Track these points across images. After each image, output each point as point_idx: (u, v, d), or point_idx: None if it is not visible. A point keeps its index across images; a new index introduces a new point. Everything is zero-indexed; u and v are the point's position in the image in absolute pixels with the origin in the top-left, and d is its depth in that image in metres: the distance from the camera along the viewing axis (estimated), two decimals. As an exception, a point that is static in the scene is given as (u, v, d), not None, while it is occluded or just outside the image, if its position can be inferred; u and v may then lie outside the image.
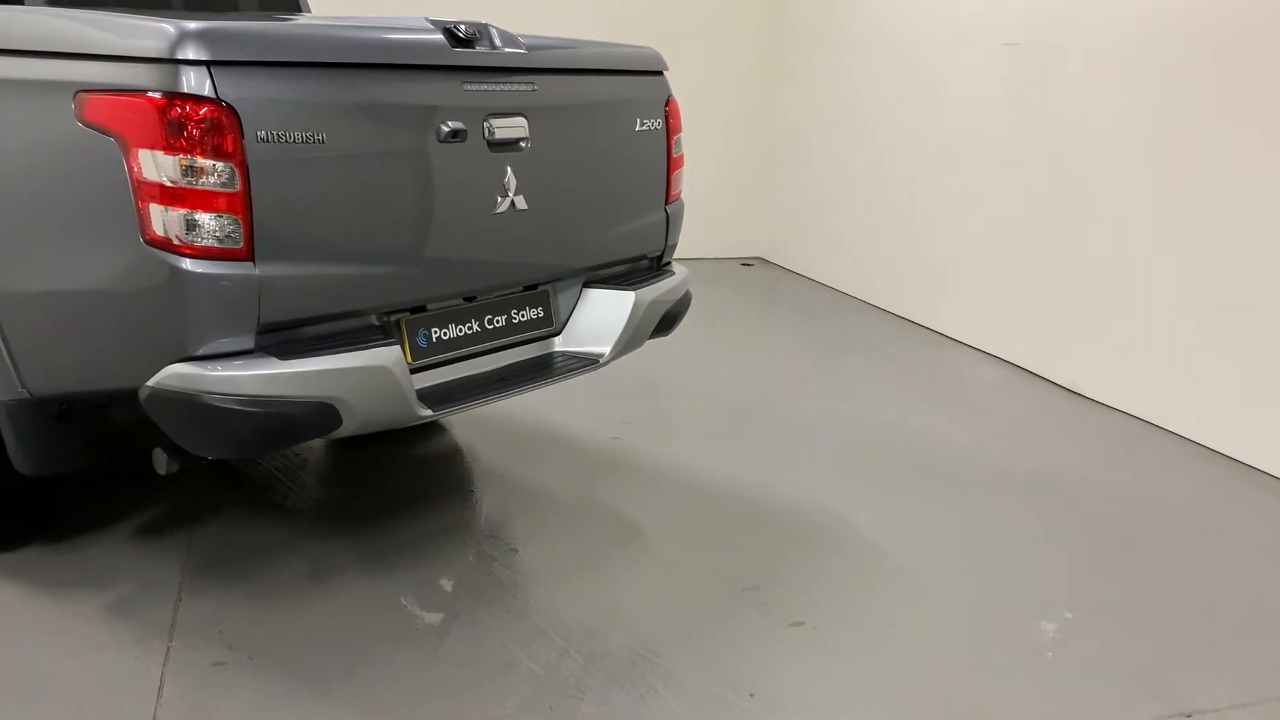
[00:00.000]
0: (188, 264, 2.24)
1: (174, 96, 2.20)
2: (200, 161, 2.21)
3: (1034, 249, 5.11)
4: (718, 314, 6.01)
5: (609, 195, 3.22)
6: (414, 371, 2.68)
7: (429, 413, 2.68)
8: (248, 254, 2.29)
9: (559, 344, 3.17)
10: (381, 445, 3.92)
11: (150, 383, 2.31)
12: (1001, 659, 2.74)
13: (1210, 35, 4.15)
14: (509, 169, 2.83)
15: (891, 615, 2.92)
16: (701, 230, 4.82)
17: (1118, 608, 3.01)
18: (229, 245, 2.26)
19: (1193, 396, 4.27)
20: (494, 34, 2.82)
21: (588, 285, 3.22)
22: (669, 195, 3.41)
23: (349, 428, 2.50)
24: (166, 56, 2.21)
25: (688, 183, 3.56)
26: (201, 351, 2.30)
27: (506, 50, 2.83)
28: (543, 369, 3.08)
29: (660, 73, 3.36)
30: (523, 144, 2.85)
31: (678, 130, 3.39)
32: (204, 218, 2.23)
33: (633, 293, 3.19)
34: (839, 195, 6.89)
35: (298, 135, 2.34)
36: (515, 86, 2.85)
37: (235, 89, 2.24)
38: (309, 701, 2.45)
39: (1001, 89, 5.29)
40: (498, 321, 3.00)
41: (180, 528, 3.24)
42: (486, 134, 2.75)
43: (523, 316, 3.07)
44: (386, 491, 3.63)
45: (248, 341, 2.34)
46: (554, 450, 4.04)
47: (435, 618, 2.85)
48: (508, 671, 2.58)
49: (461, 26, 2.74)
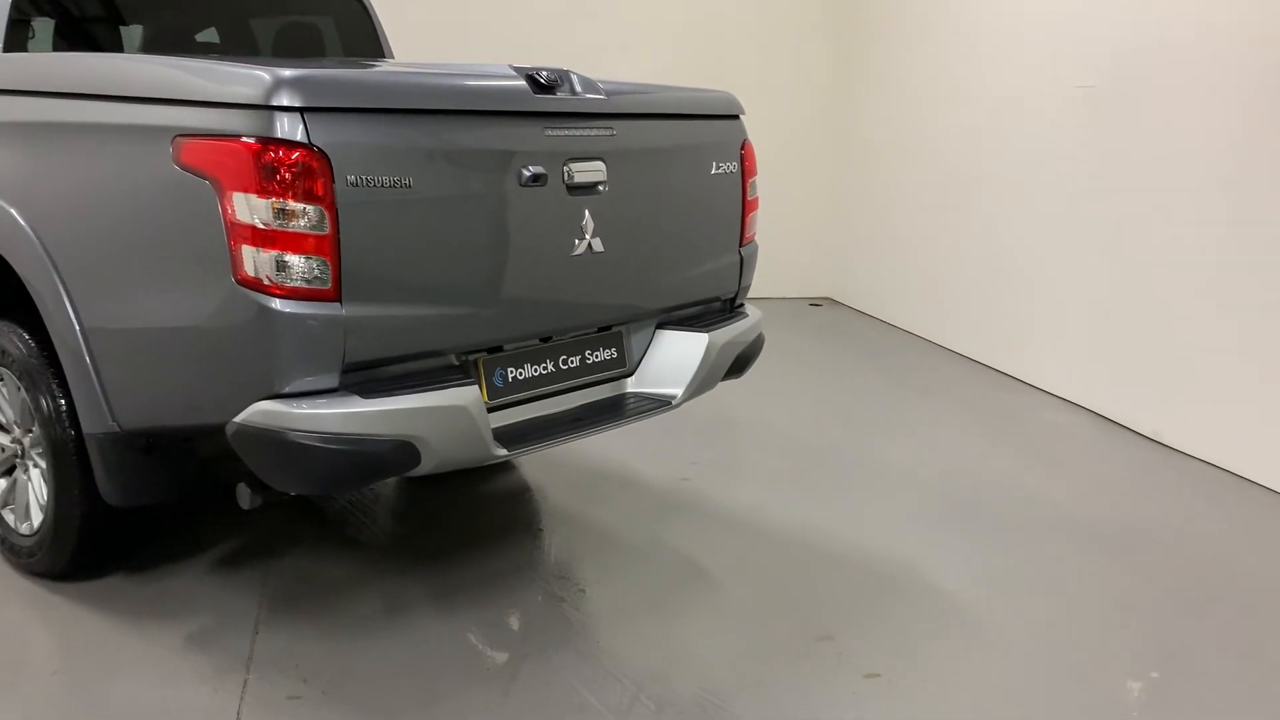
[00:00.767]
0: (277, 304, 2.30)
1: (268, 141, 2.26)
2: (292, 205, 2.27)
3: (1113, 292, 5.01)
4: (786, 355, 5.97)
5: (684, 237, 3.23)
6: (490, 411, 2.71)
7: (504, 452, 2.70)
8: (335, 295, 2.34)
9: (631, 385, 3.18)
10: (451, 482, 3.95)
11: (237, 419, 2.37)
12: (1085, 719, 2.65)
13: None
14: (587, 212, 2.85)
15: (970, 669, 2.85)
16: (769, 269, 4.82)
17: (1206, 668, 2.90)
18: (317, 286, 2.31)
19: (1283, 448, 4.13)
20: (574, 80, 2.86)
21: (661, 326, 3.23)
22: (743, 238, 3.41)
23: (427, 466, 2.53)
24: (262, 103, 2.28)
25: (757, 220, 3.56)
26: (288, 389, 2.35)
27: (587, 96, 2.87)
28: (615, 410, 3.08)
29: (736, 116, 3.38)
30: (601, 187, 2.88)
31: (753, 173, 3.40)
32: (294, 259, 2.29)
33: (706, 335, 3.19)
34: (910, 236, 6.83)
35: (385, 179, 2.40)
36: (595, 131, 2.88)
37: (327, 135, 2.30)
38: (381, 739, 2.46)
39: (1078, 130, 5.21)
40: (572, 362, 3.02)
41: (257, 560, 3.29)
42: (566, 178, 2.79)
43: (596, 357, 3.09)
44: (456, 528, 3.66)
45: (332, 380, 2.38)
46: (622, 490, 4.03)
47: (505, 657, 2.85)
48: (578, 715, 2.56)
49: (543, 73, 2.79)
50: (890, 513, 3.90)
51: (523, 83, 2.75)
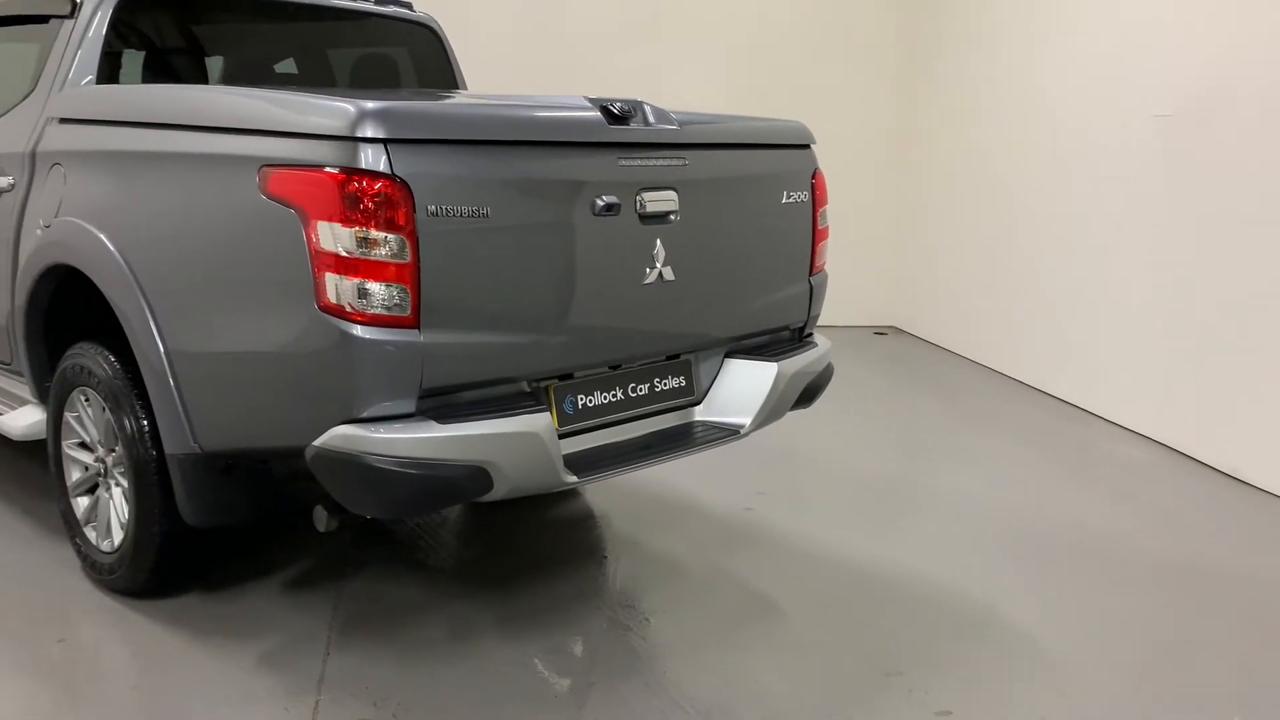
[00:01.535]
0: (358, 330, 2.34)
1: (352, 172, 2.32)
2: (374, 233, 2.32)
3: (1187, 323, 4.90)
4: (851, 384, 5.91)
5: (754, 266, 3.24)
6: (560, 437, 2.72)
7: (574, 479, 2.71)
8: (414, 322, 2.38)
9: (699, 413, 3.18)
10: (515, 507, 3.97)
11: (317, 442, 2.42)
12: (1166, 764, 2.58)
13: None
14: (658, 241, 2.88)
15: (1043, 708, 2.78)
16: (833, 297, 4.80)
17: (1294, 715, 2.81)
18: (397, 313, 2.36)
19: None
20: (648, 111, 2.89)
21: (730, 355, 3.23)
22: (813, 267, 3.41)
23: (499, 492, 2.55)
24: (347, 134, 2.33)
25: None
26: (366, 414, 2.39)
27: (659, 126, 2.90)
28: (683, 438, 3.09)
29: (807, 146, 3.39)
30: (672, 216, 2.90)
31: (824, 202, 3.40)
32: (375, 286, 2.33)
33: (775, 364, 3.19)
34: (977, 264, 6.76)
35: (464, 209, 2.44)
36: (667, 161, 2.91)
37: (409, 165, 2.35)
38: (450, 764, 2.47)
39: (1152, 160, 5.13)
40: (641, 390, 3.03)
41: (327, 581, 3.34)
42: (638, 207, 2.81)
43: (665, 385, 3.10)
44: (521, 553, 3.68)
45: (409, 405, 2.42)
46: (686, 518, 4.02)
47: (572, 685, 2.84)
48: (645, 745, 2.55)
49: (617, 103, 2.82)
50: (959, 547, 3.84)
51: (597, 114, 2.78)
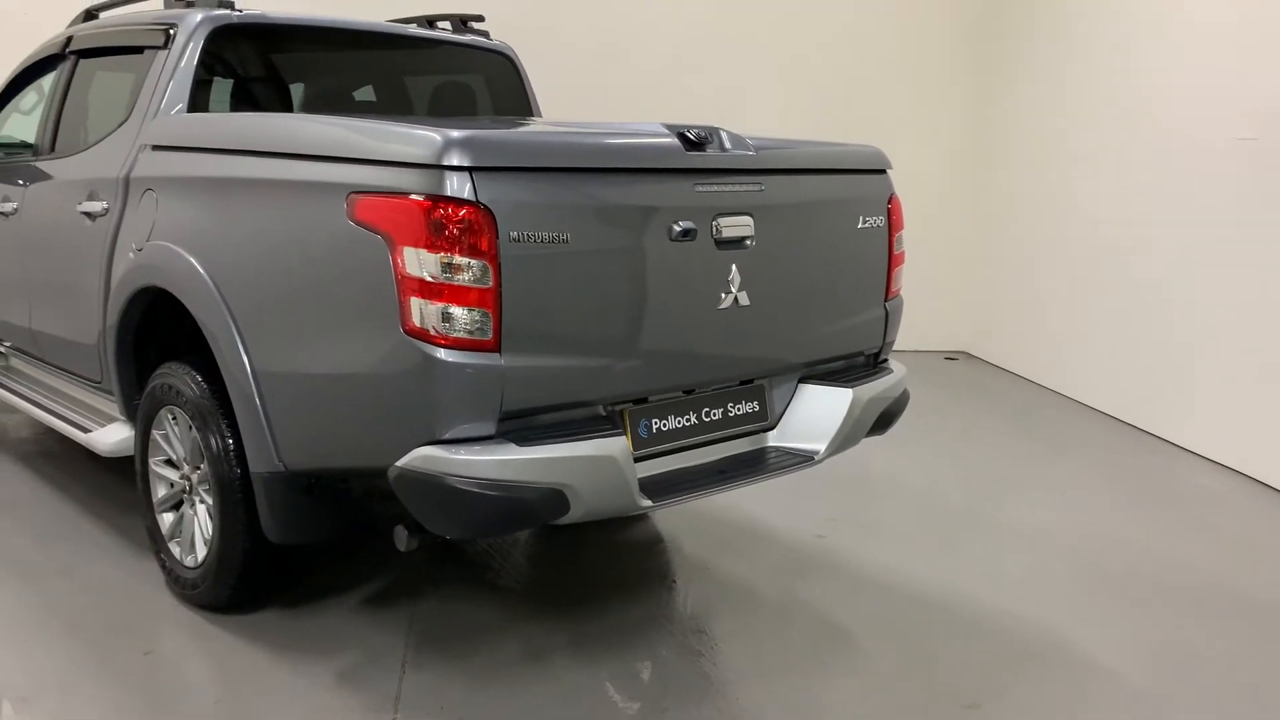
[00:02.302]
0: (442, 353, 2.38)
1: (438, 199, 2.37)
2: (458, 259, 2.36)
3: (1274, 351, 4.76)
4: (922, 410, 5.82)
5: (829, 292, 3.22)
6: (635, 461, 2.73)
7: (649, 503, 2.72)
8: (495, 345, 2.41)
9: (773, 439, 3.17)
10: (585, 529, 3.99)
11: (400, 463, 2.45)
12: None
13: None
14: (734, 266, 2.88)
15: (1128, 748, 2.71)
16: (903, 321, 4.76)
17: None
18: (479, 337, 2.39)
19: None
20: (724, 137, 2.90)
21: (804, 381, 3.22)
22: (889, 292, 3.39)
23: (575, 515, 2.56)
24: (433, 162, 2.38)
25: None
26: (448, 435, 2.42)
27: (736, 152, 2.91)
28: (757, 464, 3.08)
29: (883, 171, 3.37)
30: (748, 242, 2.91)
31: (900, 227, 3.38)
32: (458, 311, 2.37)
33: (850, 390, 3.16)
34: (1054, 289, 6.64)
35: (544, 235, 2.47)
36: (743, 187, 2.92)
37: (492, 192, 2.39)
38: (525, 786, 2.48)
39: (1238, 184, 5.00)
40: (714, 414, 3.03)
41: (402, 600, 3.38)
42: (714, 232, 2.83)
43: (738, 410, 3.09)
44: (591, 575, 3.69)
45: (489, 428, 2.45)
46: (756, 544, 4.00)
47: (644, 710, 2.84)
48: (720, 773, 2.54)
49: (694, 130, 2.84)
50: (1035, 578, 3.76)
51: (674, 140, 2.80)
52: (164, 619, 3.23)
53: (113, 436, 3.63)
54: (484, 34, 4.57)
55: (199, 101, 3.55)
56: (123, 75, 3.88)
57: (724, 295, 2.87)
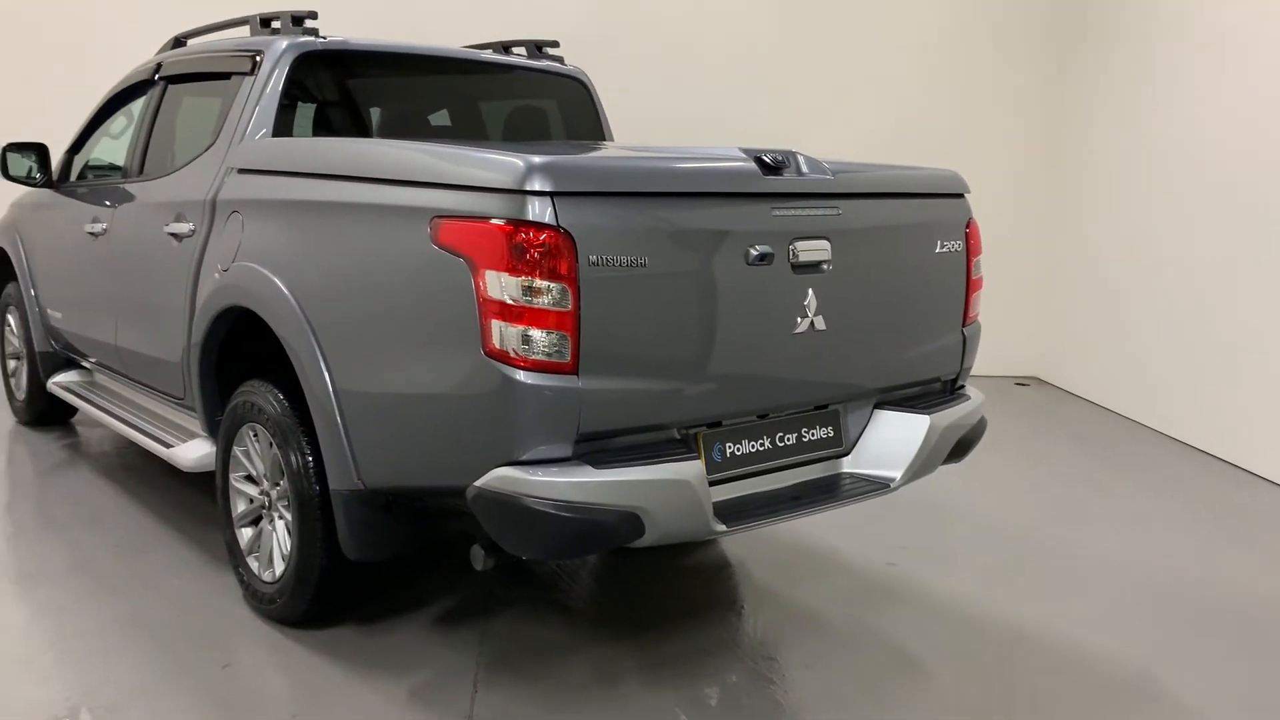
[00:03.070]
0: (521, 375, 2.41)
1: (520, 224, 2.40)
2: (538, 282, 2.38)
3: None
4: (994, 436, 5.74)
5: (906, 317, 3.19)
6: (709, 485, 2.72)
7: (723, 528, 2.71)
8: (573, 368, 2.43)
9: (847, 465, 3.14)
10: (653, 552, 3.98)
11: (478, 483, 2.48)
12: None
13: None
14: (810, 290, 2.87)
15: (1218, 791, 2.62)
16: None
17: None
18: (557, 359, 2.41)
19: None
20: (800, 161, 2.90)
21: (879, 406, 3.18)
22: (967, 317, 3.34)
23: (650, 538, 2.56)
24: (516, 187, 2.42)
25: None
26: (525, 457, 2.44)
27: (813, 176, 2.91)
28: (831, 490, 3.05)
29: (961, 195, 3.34)
30: (825, 266, 2.89)
31: (978, 252, 3.34)
32: (537, 333, 2.40)
33: (928, 417, 3.13)
34: (1130, 313, 6.49)
35: (623, 259, 2.49)
36: (820, 211, 2.91)
37: (573, 217, 2.42)
38: (597, 810, 2.47)
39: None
40: (788, 439, 3.01)
41: (473, 619, 3.40)
42: (791, 256, 2.82)
43: (813, 435, 3.07)
44: (660, 599, 3.68)
45: (566, 450, 2.47)
46: (826, 571, 3.96)
47: (716, 736, 2.82)
48: (793, 803, 2.50)
49: (770, 154, 2.84)
50: (1114, 611, 3.66)
51: (752, 164, 2.81)
52: (242, 632, 3.29)
53: (194, 452, 3.72)
54: (558, 59, 4.63)
55: (283, 126, 3.63)
56: (210, 100, 3.99)
57: (800, 319, 2.86)
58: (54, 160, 4.99)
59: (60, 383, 5.13)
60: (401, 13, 7.00)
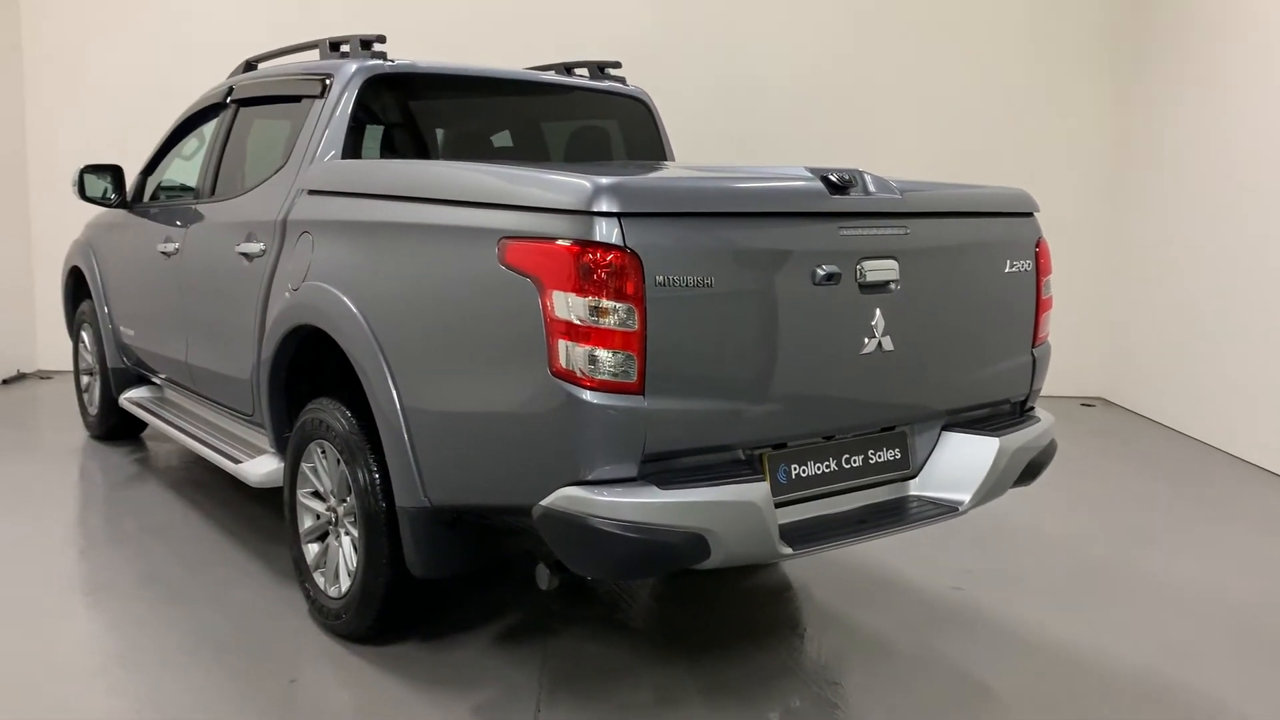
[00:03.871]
0: (587, 395, 2.41)
1: (587, 244, 2.40)
2: (605, 303, 2.39)
3: None
4: (1062, 459, 5.64)
5: (975, 337, 3.14)
6: (775, 507, 2.70)
7: (789, 551, 2.68)
8: (639, 388, 2.43)
9: (914, 488, 3.10)
10: (714, 573, 3.95)
11: (544, 502, 2.48)
12: None
13: None
14: (878, 310, 2.84)
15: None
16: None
17: None
18: (623, 379, 2.41)
19: None
20: (868, 180, 2.88)
21: (948, 428, 3.14)
22: (1036, 338, 3.29)
23: (715, 560, 2.54)
24: (583, 209, 2.43)
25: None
26: (591, 476, 2.44)
27: (880, 195, 2.88)
28: (898, 513, 3.00)
29: (1030, 214, 3.29)
30: (893, 286, 2.86)
31: (1048, 271, 3.28)
32: (604, 353, 2.40)
33: (997, 439, 3.07)
34: (1200, 333, 6.33)
35: (689, 279, 2.48)
36: (888, 230, 2.88)
37: (639, 237, 2.42)
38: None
39: None
40: (855, 461, 2.98)
41: (535, 637, 3.40)
42: (858, 276, 2.79)
43: (879, 457, 3.03)
44: (722, 621, 3.65)
45: (632, 470, 2.46)
46: (889, 594, 3.90)
47: (780, 762, 2.78)
48: (861, 833, 2.46)
49: (838, 173, 2.82)
50: (1186, 639, 3.56)
51: (818, 184, 2.79)
52: (307, 647, 3.32)
53: (262, 468, 3.78)
54: (620, 79, 4.65)
55: (352, 148, 3.69)
56: (280, 123, 4.08)
57: (867, 340, 2.83)
58: (128, 182, 5.12)
59: (131, 398, 5.26)
60: (465, 34, 7.09)
